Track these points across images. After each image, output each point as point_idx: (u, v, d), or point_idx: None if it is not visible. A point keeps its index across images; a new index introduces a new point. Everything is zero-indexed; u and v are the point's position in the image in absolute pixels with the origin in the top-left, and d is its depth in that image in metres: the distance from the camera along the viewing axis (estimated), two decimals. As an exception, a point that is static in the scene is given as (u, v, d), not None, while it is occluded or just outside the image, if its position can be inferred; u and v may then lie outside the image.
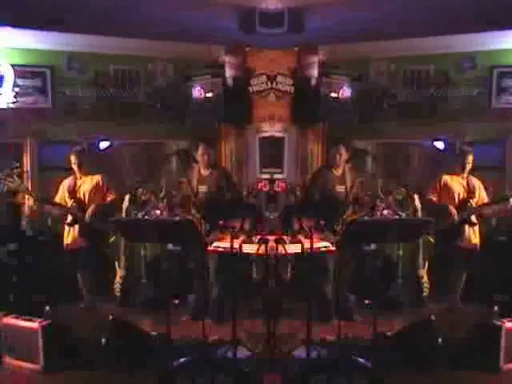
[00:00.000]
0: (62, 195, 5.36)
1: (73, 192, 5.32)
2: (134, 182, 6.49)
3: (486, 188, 5.36)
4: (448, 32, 6.32)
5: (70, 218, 5.25)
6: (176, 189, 5.54)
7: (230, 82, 6.29)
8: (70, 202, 5.28)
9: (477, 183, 5.33)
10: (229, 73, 6.28)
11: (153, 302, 5.60)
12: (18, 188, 5.11)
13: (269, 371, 4.07)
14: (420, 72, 6.73)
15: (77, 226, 5.25)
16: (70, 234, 5.32)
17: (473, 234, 5.28)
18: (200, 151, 5.52)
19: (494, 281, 5.68)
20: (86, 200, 5.32)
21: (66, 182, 5.39)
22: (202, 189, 5.50)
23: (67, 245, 5.33)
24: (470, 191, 5.27)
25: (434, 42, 6.50)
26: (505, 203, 5.11)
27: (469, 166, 5.32)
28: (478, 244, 5.31)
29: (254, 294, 5.19)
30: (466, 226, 5.23)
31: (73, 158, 5.37)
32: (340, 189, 5.46)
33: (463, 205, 5.24)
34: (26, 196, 5.66)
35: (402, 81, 6.75)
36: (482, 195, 5.31)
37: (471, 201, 5.24)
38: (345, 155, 5.51)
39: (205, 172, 5.55)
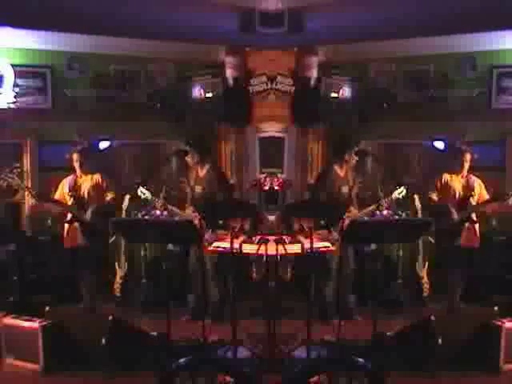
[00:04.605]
0: (62, 193, 5.35)
1: (73, 190, 5.33)
2: (134, 182, 6.48)
3: (486, 188, 5.36)
4: (448, 32, 6.31)
5: (69, 216, 5.25)
6: (176, 189, 5.56)
7: (230, 82, 6.30)
8: (70, 200, 5.29)
9: (477, 182, 5.33)
10: (229, 73, 6.29)
11: (153, 302, 5.59)
12: (18, 186, 5.12)
13: (269, 371, 4.07)
14: (420, 72, 6.72)
15: (76, 225, 5.25)
16: (69, 233, 5.32)
17: (473, 234, 5.28)
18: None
19: (493, 281, 5.68)
20: (86, 198, 5.33)
21: (67, 181, 5.40)
22: (198, 189, 5.54)
23: (66, 243, 5.33)
24: (470, 190, 5.28)
25: (433, 42, 6.49)
26: (502, 202, 5.13)
27: (467, 165, 5.33)
28: (478, 244, 5.31)
29: (254, 293, 5.19)
30: (466, 226, 5.22)
31: (75, 157, 5.38)
32: (345, 189, 5.49)
33: (463, 203, 5.24)
34: (26, 195, 5.66)
35: (401, 81, 6.73)
36: (482, 194, 5.31)
37: (471, 199, 5.24)
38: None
39: (201, 172, 5.60)
